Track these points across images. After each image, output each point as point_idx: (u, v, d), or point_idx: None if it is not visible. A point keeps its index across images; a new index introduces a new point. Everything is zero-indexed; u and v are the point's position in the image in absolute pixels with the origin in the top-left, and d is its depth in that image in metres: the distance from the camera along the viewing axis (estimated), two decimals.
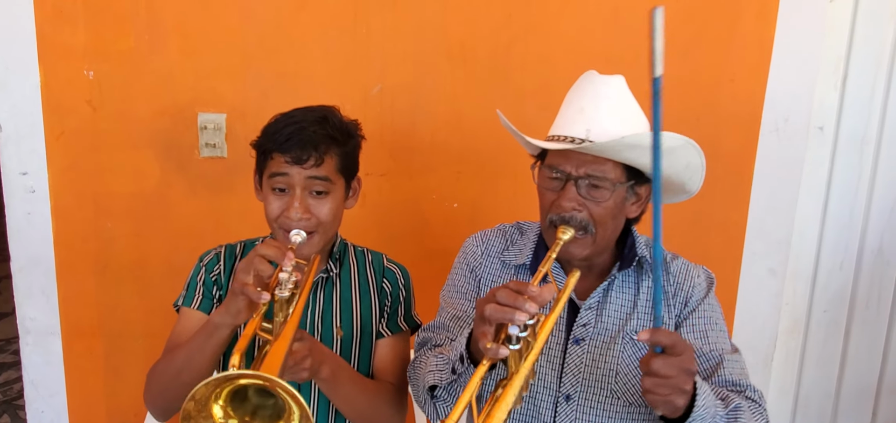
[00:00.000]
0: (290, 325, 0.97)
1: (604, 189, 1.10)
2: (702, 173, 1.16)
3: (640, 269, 1.21)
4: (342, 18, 1.69)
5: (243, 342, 0.95)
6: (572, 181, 1.10)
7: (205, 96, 1.71)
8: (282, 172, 1.16)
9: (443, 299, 1.29)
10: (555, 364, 1.18)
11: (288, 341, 0.95)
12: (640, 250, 1.20)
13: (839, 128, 1.94)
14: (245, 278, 0.99)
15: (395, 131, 1.77)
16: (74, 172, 1.73)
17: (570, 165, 1.10)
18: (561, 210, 1.10)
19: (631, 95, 1.14)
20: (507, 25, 1.72)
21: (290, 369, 1.03)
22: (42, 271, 1.78)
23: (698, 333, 1.15)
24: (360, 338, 1.28)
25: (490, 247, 1.28)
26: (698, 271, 1.23)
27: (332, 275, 1.28)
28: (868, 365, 2.10)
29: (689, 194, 1.21)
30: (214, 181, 1.76)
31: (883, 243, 2.03)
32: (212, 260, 1.28)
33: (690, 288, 1.19)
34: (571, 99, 1.15)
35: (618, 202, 1.12)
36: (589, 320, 1.18)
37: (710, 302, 1.19)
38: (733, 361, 1.14)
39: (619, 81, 1.13)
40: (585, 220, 1.10)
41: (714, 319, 1.18)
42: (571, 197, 1.10)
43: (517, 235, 1.29)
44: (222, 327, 1.04)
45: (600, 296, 1.19)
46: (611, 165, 1.10)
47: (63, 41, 1.66)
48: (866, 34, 1.87)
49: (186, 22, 1.67)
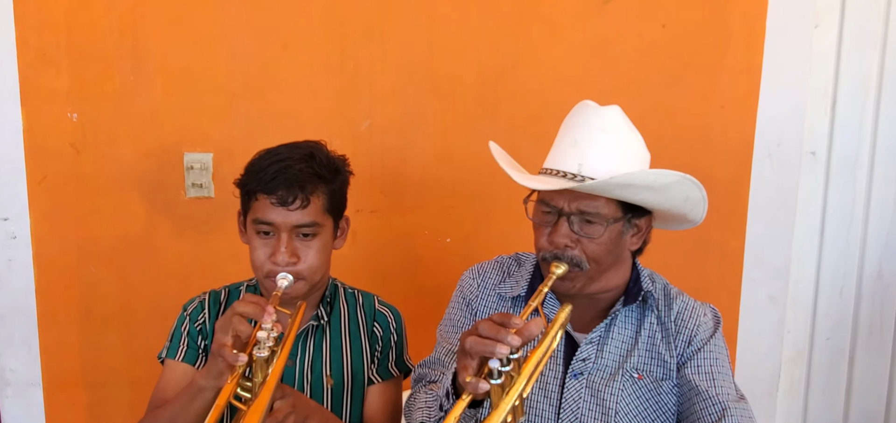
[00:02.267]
0: (266, 389, 0.92)
1: (597, 225, 1.07)
2: (704, 204, 1.13)
3: (645, 304, 1.17)
4: (329, 55, 1.68)
5: (214, 415, 0.89)
6: (565, 217, 1.07)
7: (191, 136, 1.69)
8: (267, 221, 1.11)
9: (439, 333, 1.25)
10: (552, 399, 1.13)
11: (262, 409, 0.90)
12: (645, 284, 1.16)
13: (831, 153, 1.93)
14: (223, 338, 0.95)
15: (385, 167, 1.74)
16: (57, 217, 1.69)
17: (563, 200, 1.08)
18: (554, 247, 1.07)
19: (627, 125, 1.12)
20: (495, 58, 1.71)
21: None
22: (23, 320, 1.72)
23: (704, 374, 1.11)
24: (351, 386, 1.23)
25: (486, 280, 1.25)
26: (704, 309, 1.19)
27: (322, 323, 1.24)
28: (874, 392, 2.06)
29: (694, 223, 1.18)
30: (202, 222, 1.73)
31: (882, 267, 2.00)
32: (195, 309, 1.24)
33: (696, 326, 1.15)
34: (565, 131, 1.13)
35: (613, 238, 1.09)
36: (589, 355, 1.14)
37: (717, 343, 1.15)
38: (740, 410, 1.09)
39: (614, 112, 1.11)
40: (578, 257, 1.07)
41: (721, 361, 1.14)
42: (564, 233, 1.07)
43: (515, 266, 1.26)
44: (206, 390, 0.99)
45: (603, 331, 1.15)
46: (603, 201, 1.07)
47: (46, 84, 1.64)
48: (852, 59, 1.87)
49: (171, 62, 1.65)
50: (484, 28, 1.70)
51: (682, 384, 1.12)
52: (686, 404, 1.11)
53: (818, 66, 1.85)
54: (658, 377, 1.13)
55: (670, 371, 1.13)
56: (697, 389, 1.09)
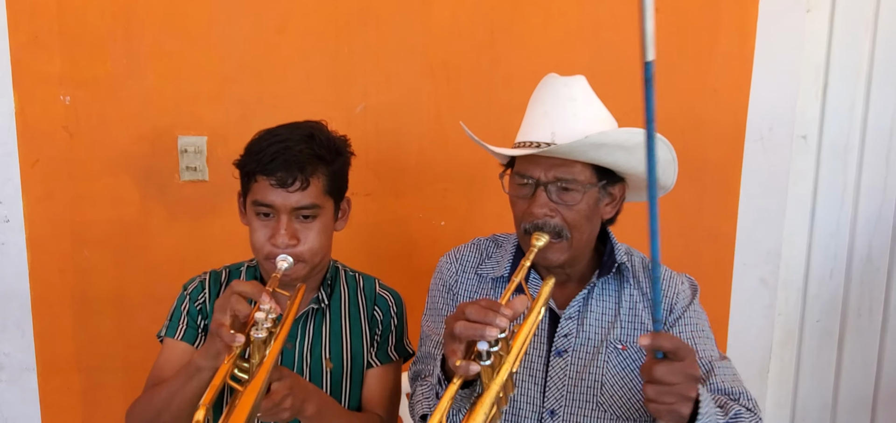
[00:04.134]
0: (263, 370, 0.92)
1: (574, 191, 1.08)
2: (674, 166, 1.14)
3: (621, 276, 1.18)
4: (323, 39, 1.68)
5: (209, 394, 0.88)
6: (542, 187, 1.08)
7: (184, 119, 1.68)
8: (266, 203, 1.11)
9: (424, 325, 1.25)
10: (537, 378, 1.14)
11: (259, 385, 0.90)
12: (619, 256, 1.17)
13: (822, 137, 1.95)
14: (221, 318, 0.94)
15: (380, 151, 1.75)
16: (51, 201, 1.69)
17: (539, 170, 1.08)
18: (533, 217, 1.08)
19: (594, 94, 1.13)
20: (490, 43, 1.72)
21: (269, 410, 0.98)
22: (17, 305, 1.72)
23: (686, 339, 1.12)
24: (350, 370, 1.24)
25: (464, 262, 1.25)
26: (682, 279, 1.20)
27: (322, 306, 1.24)
28: (863, 374, 2.08)
29: (665, 189, 1.18)
30: (196, 206, 1.72)
31: (871, 251, 2.02)
32: (195, 288, 1.23)
33: (675, 296, 1.16)
34: (534, 103, 1.14)
35: (590, 204, 1.10)
36: (570, 330, 1.15)
37: (696, 309, 1.17)
38: (724, 367, 1.11)
39: (580, 81, 1.12)
40: (559, 225, 1.08)
41: (700, 326, 1.15)
42: (542, 203, 1.08)
43: (493, 247, 1.26)
44: (203, 369, 0.99)
45: (581, 304, 1.16)
46: (580, 166, 1.08)
47: (38, 67, 1.63)
48: (844, 43, 1.89)
49: (165, 44, 1.64)
50: (479, 13, 1.70)
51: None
52: None
53: (810, 52, 1.87)
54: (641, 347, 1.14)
55: None
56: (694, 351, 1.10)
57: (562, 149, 1.04)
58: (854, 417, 2.12)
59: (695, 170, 1.80)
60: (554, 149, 1.05)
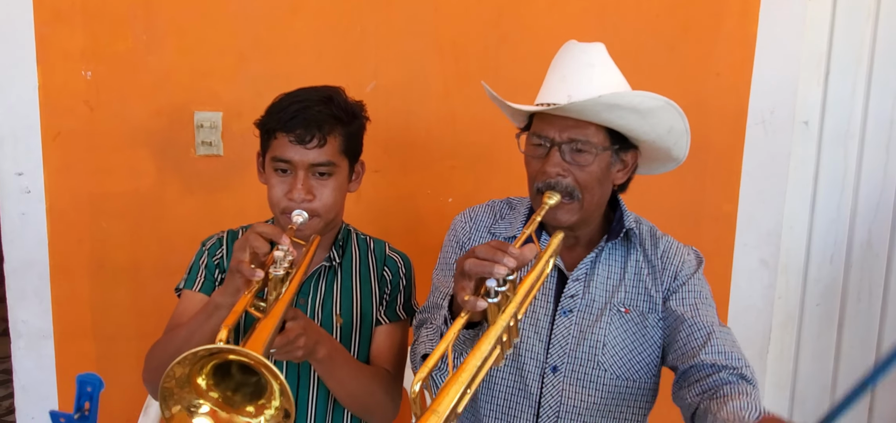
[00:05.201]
0: (280, 303, 0.96)
1: (587, 153, 1.11)
2: (687, 138, 1.17)
3: (628, 241, 1.22)
4: (336, 19, 1.73)
5: (232, 318, 0.93)
6: (556, 147, 1.12)
7: (201, 95, 1.74)
8: (285, 158, 1.16)
9: (435, 278, 1.30)
10: (542, 335, 1.18)
11: (276, 319, 0.94)
12: (628, 222, 1.21)
13: (824, 123, 1.98)
14: (241, 256, 0.99)
15: (389, 129, 1.79)
16: (70, 173, 1.74)
17: (554, 130, 1.12)
18: (546, 176, 1.11)
19: (611, 61, 1.17)
20: (498, 24, 1.76)
21: (284, 347, 1.03)
22: (36, 273, 1.77)
23: (688, 306, 1.16)
24: (360, 326, 1.29)
25: (478, 222, 1.30)
26: (688, 250, 1.24)
27: (334, 264, 1.29)
28: (862, 358, 2.11)
29: (677, 162, 1.22)
30: (210, 180, 1.77)
31: (871, 236, 2.05)
32: (214, 244, 1.29)
33: (680, 264, 1.20)
34: (554, 68, 1.18)
35: (602, 167, 1.14)
36: (577, 292, 1.19)
37: (700, 278, 1.20)
38: (724, 333, 1.14)
39: (599, 48, 1.17)
40: (571, 185, 1.11)
41: (704, 294, 1.19)
42: (556, 162, 1.11)
43: (507, 209, 1.31)
44: (222, 307, 1.04)
45: (588, 267, 1.20)
46: (593, 128, 1.11)
47: (61, 43, 1.68)
48: (846, 31, 1.92)
49: (183, 22, 1.70)
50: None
51: (667, 316, 1.17)
52: (671, 333, 1.16)
53: (812, 38, 1.90)
54: (644, 311, 1.18)
55: (656, 305, 1.18)
56: (682, 318, 1.14)
57: (575, 107, 1.08)
58: None
59: (697, 151, 1.81)
60: (568, 107, 1.08)
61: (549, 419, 1.18)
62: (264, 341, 0.86)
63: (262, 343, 0.86)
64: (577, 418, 1.17)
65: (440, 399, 0.75)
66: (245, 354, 0.78)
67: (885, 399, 2.16)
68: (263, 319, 0.92)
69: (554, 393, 1.17)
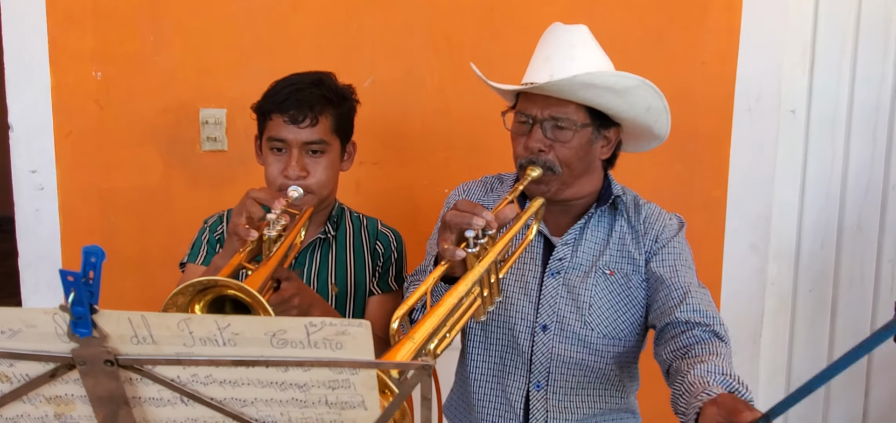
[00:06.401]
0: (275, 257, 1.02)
1: (567, 130, 1.17)
2: (667, 117, 1.23)
3: (614, 209, 1.28)
4: (334, 17, 1.81)
5: (228, 270, 0.99)
6: (538, 124, 1.18)
7: (206, 93, 1.81)
8: (280, 138, 1.23)
9: (429, 246, 1.36)
10: (531, 296, 1.24)
11: (270, 268, 1.00)
12: (615, 190, 1.27)
13: (810, 111, 2.03)
14: (238, 219, 1.07)
15: (386, 122, 1.86)
16: (81, 169, 1.82)
17: (536, 108, 1.18)
18: (529, 152, 1.18)
19: (595, 42, 1.23)
20: (489, 18, 1.83)
21: (279, 306, 1.08)
22: (48, 267, 1.84)
23: (668, 267, 1.21)
24: (354, 295, 1.35)
25: (471, 194, 1.36)
26: (671, 216, 1.30)
27: (328, 237, 1.35)
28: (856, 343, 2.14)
29: (660, 138, 1.27)
30: (215, 174, 1.84)
31: (861, 222, 2.09)
32: (215, 221, 1.36)
33: (661, 228, 1.25)
34: (539, 49, 1.25)
35: (583, 143, 1.19)
36: (565, 255, 1.25)
37: (680, 241, 1.25)
38: (701, 292, 1.18)
39: (582, 29, 1.23)
40: (551, 161, 1.18)
41: (683, 256, 1.24)
42: (538, 138, 1.18)
43: (497, 183, 1.38)
44: (222, 268, 1.10)
45: (577, 233, 1.26)
46: (573, 107, 1.17)
47: (73, 45, 1.77)
48: (829, 20, 1.98)
49: (188, 23, 1.78)
50: None
51: (648, 277, 1.23)
52: (652, 294, 1.22)
53: (796, 27, 1.96)
54: (628, 273, 1.23)
55: (639, 267, 1.24)
56: (662, 279, 1.19)
57: (553, 86, 1.14)
58: (848, 386, 2.17)
59: (685, 138, 1.89)
60: (546, 86, 1.15)
61: (541, 375, 1.24)
62: (258, 283, 0.92)
63: (256, 284, 0.92)
64: (567, 373, 1.23)
65: (416, 329, 0.81)
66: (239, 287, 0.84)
67: (881, 387, 2.18)
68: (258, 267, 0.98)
69: (544, 350, 1.23)
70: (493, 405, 1.28)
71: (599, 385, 1.25)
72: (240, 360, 0.63)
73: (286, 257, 1.09)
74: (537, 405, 1.24)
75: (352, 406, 0.68)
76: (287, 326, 0.63)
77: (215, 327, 0.62)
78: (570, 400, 1.24)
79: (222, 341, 0.63)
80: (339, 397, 0.68)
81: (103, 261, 0.61)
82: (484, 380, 1.29)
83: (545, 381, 1.23)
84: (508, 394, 1.26)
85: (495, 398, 1.28)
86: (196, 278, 0.85)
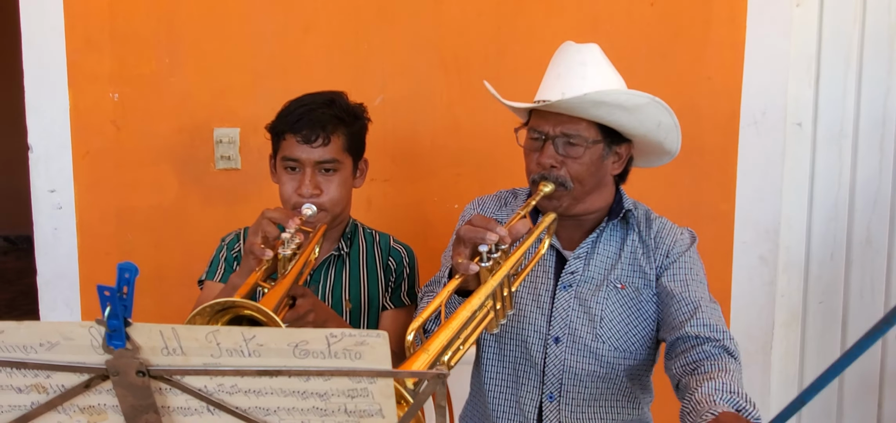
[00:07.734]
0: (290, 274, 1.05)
1: (579, 146, 1.20)
2: (677, 133, 1.25)
3: (626, 223, 1.30)
4: (345, 37, 1.85)
5: (244, 289, 1.01)
6: (550, 140, 1.21)
7: (220, 113, 1.85)
8: (293, 157, 1.26)
9: (443, 259, 1.38)
10: (544, 309, 1.26)
11: (286, 286, 1.03)
12: (627, 204, 1.29)
13: (817, 124, 2.04)
14: (254, 238, 1.09)
15: (397, 139, 1.89)
16: (99, 189, 1.86)
17: (548, 125, 1.21)
18: (541, 167, 1.20)
19: (606, 60, 1.26)
20: (497, 36, 1.87)
21: (294, 322, 1.10)
22: (67, 284, 1.88)
23: (679, 281, 1.23)
24: (367, 310, 1.37)
25: (486, 208, 1.39)
26: (682, 231, 1.31)
27: (342, 253, 1.38)
28: (869, 356, 2.13)
29: (672, 154, 1.29)
30: (229, 192, 1.88)
31: (871, 233, 2.10)
32: (232, 239, 1.39)
33: (672, 242, 1.27)
34: (551, 68, 1.27)
35: (594, 159, 1.22)
36: (576, 269, 1.27)
37: (692, 256, 1.27)
38: (712, 307, 1.20)
39: (593, 48, 1.26)
40: (563, 177, 1.20)
41: (695, 271, 1.25)
42: (549, 155, 1.20)
43: (512, 198, 1.40)
44: (238, 286, 1.12)
45: (589, 246, 1.28)
46: (585, 124, 1.20)
47: (91, 67, 1.81)
48: (834, 33, 2.00)
49: (202, 45, 1.82)
50: (486, 8, 1.85)
51: (660, 292, 1.24)
52: (663, 308, 1.23)
53: (800, 41, 1.98)
54: (639, 287, 1.25)
55: (650, 281, 1.25)
56: (672, 293, 1.20)
57: (564, 104, 1.17)
58: (861, 398, 2.16)
59: (692, 152, 1.91)
60: (558, 104, 1.17)
61: (553, 386, 1.25)
62: (274, 302, 0.95)
63: (271, 303, 0.94)
64: (580, 385, 1.24)
65: (431, 341, 0.83)
66: (256, 308, 0.87)
67: (894, 399, 2.17)
68: (276, 284, 1.00)
69: (557, 362, 1.25)
70: (508, 415, 1.30)
71: (612, 397, 1.26)
72: (264, 370, 0.66)
73: (301, 275, 1.11)
74: (550, 416, 1.26)
75: (370, 415, 0.70)
76: (309, 337, 0.66)
77: (241, 339, 0.65)
78: (582, 412, 1.25)
79: (247, 352, 0.65)
80: (358, 405, 0.70)
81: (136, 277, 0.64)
82: (498, 390, 1.31)
83: (558, 392, 1.25)
84: (522, 405, 1.28)
85: (510, 408, 1.30)
86: (213, 300, 0.87)
